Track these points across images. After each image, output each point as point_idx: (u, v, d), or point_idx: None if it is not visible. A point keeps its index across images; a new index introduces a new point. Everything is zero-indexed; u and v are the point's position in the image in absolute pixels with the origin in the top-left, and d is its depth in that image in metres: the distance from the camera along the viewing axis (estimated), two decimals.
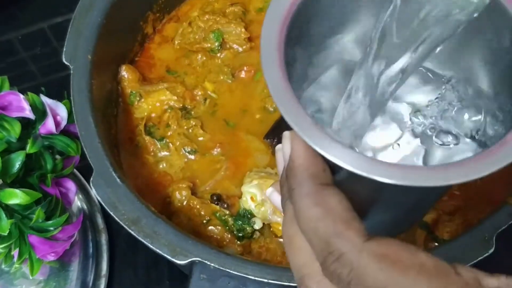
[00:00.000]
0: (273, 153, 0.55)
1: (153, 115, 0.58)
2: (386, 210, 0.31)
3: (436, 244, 0.51)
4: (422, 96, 0.33)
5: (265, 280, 0.42)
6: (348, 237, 0.25)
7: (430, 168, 0.26)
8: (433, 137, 0.32)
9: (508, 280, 0.24)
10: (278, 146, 0.30)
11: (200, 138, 0.57)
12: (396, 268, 0.24)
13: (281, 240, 0.52)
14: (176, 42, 0.63)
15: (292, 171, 0.27)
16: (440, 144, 0.32)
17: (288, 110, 0.25)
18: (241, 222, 0.52)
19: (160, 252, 0.44)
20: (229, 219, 0.52)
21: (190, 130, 0.57)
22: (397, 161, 0.31)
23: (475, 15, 0.25)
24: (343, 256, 0.24)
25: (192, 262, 0.43)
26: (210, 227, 0.52)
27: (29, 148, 0.47)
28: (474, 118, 0.32)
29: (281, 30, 0.27)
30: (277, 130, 0.57)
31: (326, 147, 0.25)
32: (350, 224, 0.25)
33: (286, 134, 0.28)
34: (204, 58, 0.62)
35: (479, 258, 0.41)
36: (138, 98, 0.58)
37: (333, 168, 0.27)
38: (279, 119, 0.57)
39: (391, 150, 0.32)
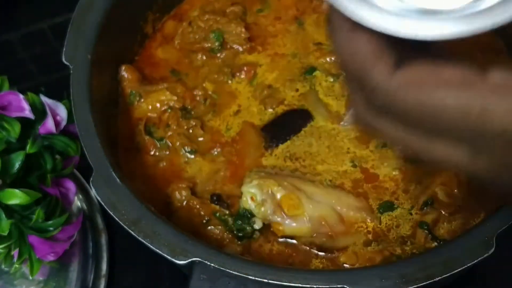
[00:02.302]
0: (266, 147, 0.56)
1: (153, 115, 0.58)
2: None
3: (437, 244, 0.51)
4: None
5: (265, 280, 0.42)
6: (379, 70, 0.28)
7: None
8: None
9: None
10: None
11: (200, 138, 0.57)
12: (423, 90, 0.27)
13: (281, 240, 0.52)
14: (176, 42, 0.63)
15: (330, 16, 0.30)
16: None
17: None
18: (241, 222, 0.52)
19: (160, 252, 0.44)
20: (229, 219, 0.52)
21: (190, 130, 0.57)
22: None
23: None
24: (376, 87, 0.28)
25: (192, 262, 0.43)
26: (210, 227, 0.52)
27: (29, 148, 0.47)
28: None
29: None
30: (276, 125, 0.57)
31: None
32: (380, 58, 0.28)
33: None
34: (204, 58, 0.62)
35: (480, 259, 0.41)
36: (138, 98, 0.58)
37: None
38: (280, 115, 0.57)
39: None
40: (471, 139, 0.27)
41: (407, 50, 0.29)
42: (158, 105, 0.59)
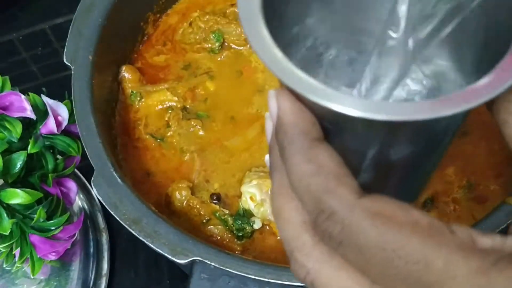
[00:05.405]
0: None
1: (153, 115, 0.59)
2: (375, 171, 0.29)
3: None
4: None
5: (265, 279, 0.42)
6: (340, 194, 0.23)
7: (422, 102, 0.24)
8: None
9: (502, 239, 0.23)
10: (267, 114, 0.28)
11: (201, 138, 0.58)
12: (390, 226, 0.23)
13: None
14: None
15: (282, 128, 0.26)
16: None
17: (267, 55, 0.24)
18: (240, 222, 0.52)
19: (160, 251, 0.44)
20: (229, 218, 0.52)
21: (191, 130, 0.58)
22: None
23: None
24: (335, 214, 0.23)
25: (193, 262, 0.44)
26: (209, 227, 0.52)
27: (30, 148, 0.47)
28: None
29: None
30: None
31: (313, 90, 0.23)
32: (342, 180, 0.24)
33: (271, 93, 0.27)
34: (205, 59, 0.62)
35: None
36: (138, 98, 0.59)
37: (321, 123, 0.26)
38: None
39: None
40: None
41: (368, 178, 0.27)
42: (158, 105, 0.59)
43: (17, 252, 0.48)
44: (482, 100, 0.23)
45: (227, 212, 0.53)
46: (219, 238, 0.52)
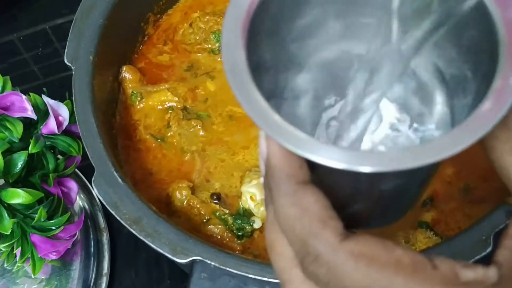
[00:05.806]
0: None
1: (154, 115, 0.59)
2: (367, 200, 0.30)
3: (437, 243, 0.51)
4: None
5: (265, 279, 0.42)
6: (324, 237, 0.24)
7: (406, 149, 0.24)
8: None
9: (484, 270, 0.24)
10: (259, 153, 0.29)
11: (201, 138, 0.58)
12: (373, 266, 0.24)
13: None
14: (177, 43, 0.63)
15: (270, 171, 0.26)
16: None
17: (252, 108, 0.24)
18: (240, 221, 0.52)
19: (161, 251, 0.44)
20: (229, 218, 0.52)
21: (191, 130, 0.58)
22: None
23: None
24: (320, 256, 0.24)
25: (193, 261, 0.44)
26: (210, 226, 0.52)
27: (31, 148, 0.47)
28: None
29: (245, 21, 0.26)
30: None
31: (294, 141, 0.24)
32: (326, 223, 0.25)
33: (261, 133, 0.27)
34: (205, 59, 0.62)
35: (476, 257, 0.42)
36: (139, 99, 0.59)
37: (309, 164, 0.26)
38: None
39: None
40: None
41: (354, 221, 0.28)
42: (159, 105, 0.59)
43: (18, 251, 0.48)
44: (467, 144, 0.23)
45: (227, 211, 0.53)
46: (219, 237, 0.52)
